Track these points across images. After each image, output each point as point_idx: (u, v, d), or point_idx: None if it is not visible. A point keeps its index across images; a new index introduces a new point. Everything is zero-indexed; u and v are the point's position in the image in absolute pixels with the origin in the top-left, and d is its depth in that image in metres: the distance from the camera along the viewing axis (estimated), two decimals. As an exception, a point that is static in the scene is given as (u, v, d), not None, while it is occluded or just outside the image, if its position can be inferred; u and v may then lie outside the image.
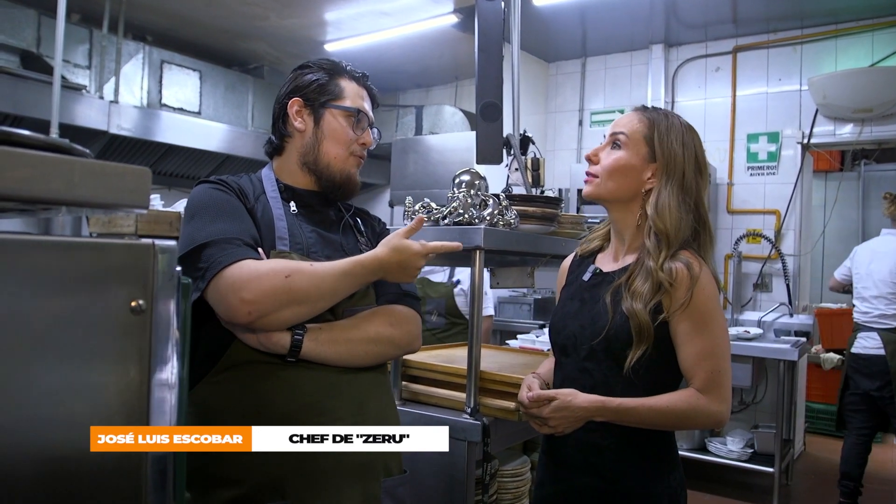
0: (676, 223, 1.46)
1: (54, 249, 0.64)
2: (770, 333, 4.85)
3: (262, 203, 1.45)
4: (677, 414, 1.42)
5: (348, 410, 1.37)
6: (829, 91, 4.74)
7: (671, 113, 1.58)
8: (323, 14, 5.08)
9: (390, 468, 1.45)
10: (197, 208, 1.37)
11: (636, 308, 1.42)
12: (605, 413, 1.43)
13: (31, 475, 0.63)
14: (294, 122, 1.50)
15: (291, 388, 1.33)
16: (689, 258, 1.45)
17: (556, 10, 4.82)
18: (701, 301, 1.42)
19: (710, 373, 1.42)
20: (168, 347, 0.70)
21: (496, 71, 2.46)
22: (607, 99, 5.80)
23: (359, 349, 1.39)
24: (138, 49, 5.13)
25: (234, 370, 1.33)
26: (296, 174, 1.52)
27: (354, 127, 1.52)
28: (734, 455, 4.48)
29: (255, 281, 1.23)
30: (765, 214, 5.11)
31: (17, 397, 0.62)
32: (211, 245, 1.28)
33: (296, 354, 1.31)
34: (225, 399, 1.32)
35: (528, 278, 2.43)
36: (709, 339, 1.43)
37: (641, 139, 1.52)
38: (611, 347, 1.45)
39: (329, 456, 1.31)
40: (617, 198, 1.55)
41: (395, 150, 5.67)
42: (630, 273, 1.49)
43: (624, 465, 1.46)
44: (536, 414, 1.48)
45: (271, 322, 1.27)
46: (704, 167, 1.55)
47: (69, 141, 0.69)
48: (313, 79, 1.51)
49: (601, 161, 1.55)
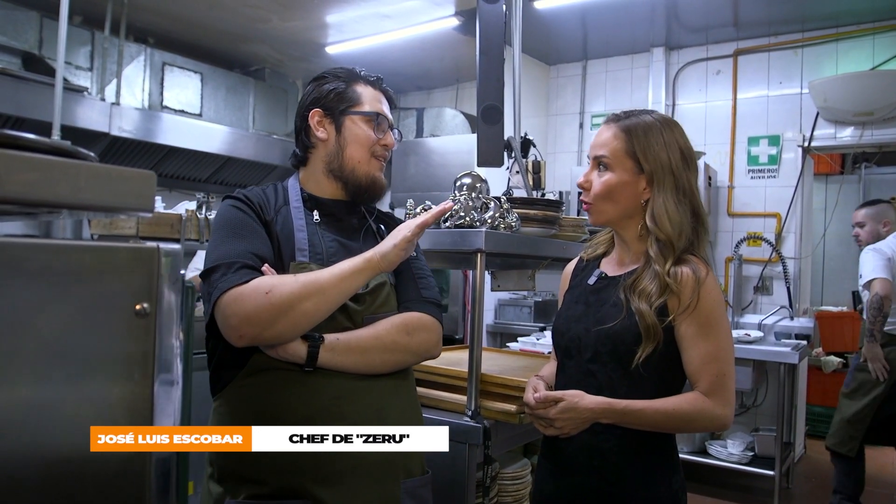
0: (677, 228, 1.47)
1: (59, 252, 0.64)
2: (770, 336, 4.85)
3: (284, 214, 1.48)
4: (683, 416, 1.43)
5: (366, 416, 1.38)
6: (829, 94, 4.75)
7: (645, 112, 1.56)
8: (324, 16, 5.09)
9: (411, 469, 1.47)
10: (215, 227, 1.44)
11: (643, 308, 1.43)
12: (611, 415, 1.43)
13: (36, 477, 0.63)
14: (316, 133, 1.53)
15: (310, 394, 1.36)
16: (696, 263, 1.47)
17: (557, 13, 4.83)
18: (707, 305, 1.43)
19: (715, 376, 1.43)
20: (172, 351, 0.71)
21: (497, 73, 2.46)
22: (608, 102, 5.80)
23: (375, 358, 1.41)
24: (140, 51, 5.14)
25: (257, 376, 1.37)
26: (321, 183, 1.55)
27: (375, 130, 1.54)
28: (734, 458, 4.48)
29: (237, 305, 1.28)
30: (765, 217, 5.12)
31: (22, 400, 0.62)
32: (215, 270, 1.33)
33: (312, 364, 1.34)
34: (247, 404, 1.37)
35: (528, 281, 2.43)
36: (714, 342, 1.43)
37: (624, 155, 1.51)
38: (616, 349, 1.46)
39: (346, 457, 1.33)
40: (621, 217, 1.55)
41: (396, 153, 5.66)
42: (637, 276, 1.50)
43: (627, 467, 1.47)
44: (543, 415, 1.48)
45: (266, 339, 1.31)
46: (692, 158, 1.55)
47: (72, 144, 0.70)
48: (331, 88, 1.55)
49: (594, 185, 1.54)
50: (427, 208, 1.98)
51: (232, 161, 5.61)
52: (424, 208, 1.98)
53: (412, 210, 2.01)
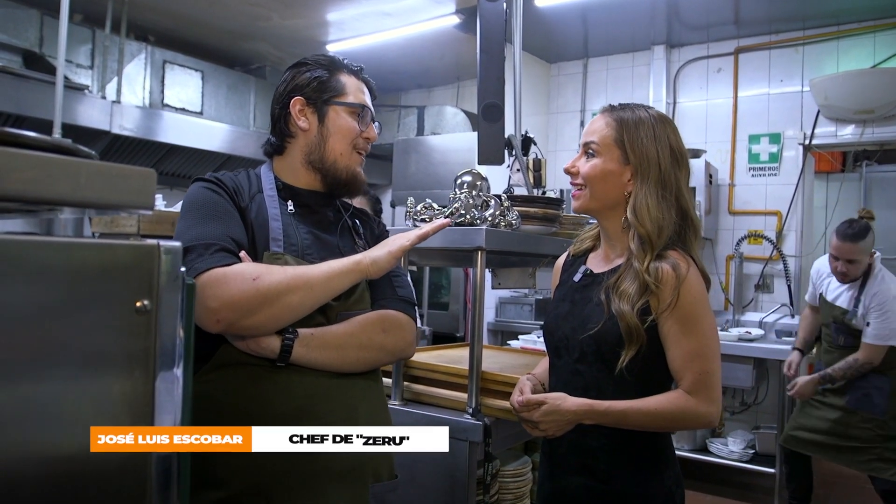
0: (657, 223, 1.45)
1: (59, 250, 0.64)
2: (771, 334, 4.85)
3: (258, 202, 1.43)
4: (665, 416, 1.42)
5: (340, 415, 1.35)
6: (830, 92, 4.74)
7: (640, 107, 1.56)
8: (325, 14, 5.08)
9: (380, 473, 1.43)
10: (186, 208, 1.37)
11: (623, 309, 1.42)
12: (593, 416, 1.43)
13: (36, 476, 0.63)
14: (297, 122, 1.47)
15: (282, 391, 1.31)
16: (677, 258, 1.45)
17: (557, 11, 4.82)
18: (688, 302, 1.42)
19: (699, 374, 1.42)
20: (173, 348, 0.71)
21: (498, 72, 2.46)
22: (609, 100, 5.75)
23: (350, 355, 1.37)
24: (141, 49, 5.14)
25: (224, 370, 1.31)
26: (298, 173, 1.50)
27: (359, 122, 1.50)
28: (735, 456, 4.48)
29: (219, 288, 1.22)
30: (766, 215, 5.11)
31: (22, 398, 0.62)
32: (190, 251, 1.26)
33: (286, 360, 1.29)
34: (211, 402, 1.30)
35: (529, 279, 2.43)
36: (696, 340, 1.42)
37: (612, 143, 1.51)
38: (600, 349, 1.46)
39: (316, 460, 1.30)
40: (604, 205, 1.54)
41: (397, 151, 5.67)
42: (619, 275, 1.49)
43: (617, 465, 1.47)
44: (527, 418, 1.48)
45: (245, 328, 1.25)
46: (682, 157, 1.53)
47: (73, 142, 0.70)
48: (313, 76, 1.48)
49: (580, 171, 1.54)
50: (428, 206, 1.98)
51: (233, 159, 5.61)
52: (425, 206, 1.98)
53: (412, 208, 2.00)
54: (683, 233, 1.51)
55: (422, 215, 1.97)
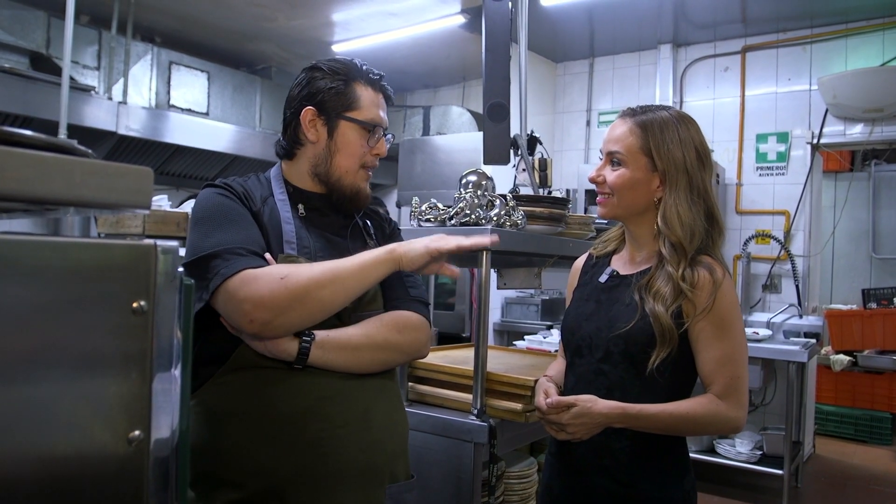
0: (689, 230, 1.44)
1: (55, 250, 0.64)
2: (779, 335, 4.82)
3: (270, 206, 1.43)
4: (697, 420, 1.41)
5: (353, 416, 1.35)
6: (839, 91, 4.71)
7: (661, 108, 1.54)
8: (331, 15, 5.09)
9: (396, 474, 1.43)
10: (202, 215, 1.36)
11: (658, 311, 1.41)
12: (625, 420, 1.41)
13: (32, 477, 0.62)
14: (307, 133, 1.45)
15: (297, 392, 1.31)
16: (712, 263, 1.44)
17: (563, 10, 4.81)
18: (723, 306, 1.41)
19: (730, 378, 1.41)
20: (170, 349, 0.70)
21: (503, 71, 2.45)
22: (615, 99, 5.78)
23: (365, 356, 1.37)
24: (147, 50, 5.15)
25: (240, 373, 1.32)
26: (305, 180, 1.49)
27: (369, 140, 1.48)
28: (743, 457, 4.45)
29: (250, 289, 1.22)
30: (774, 215, 5.08)
31: (17, 399, 0.61)
32: (216, 256, 1.26)
33: (303, 362, 1.29)
34: (229, 401, 1.31)
35: (535, 279, 2.42)
36: (729, 344, 1.41)
37: (638, 151, 1.49)
38: (629, 350, 1.44)
39: (330, 462, 1.30)
40: (632, 212, 1.53)
41: (403, 151, 5.67)
42: (651, 276, 1.47)
43: (639, 468, 1.45)
44: (555, 420, 1.46)
45: (277, 328, 1.25)
46: (707, 157, 1.52)
47: (74, 141, 0.69)
48: (328, 86, 1.44)
49: (607, 179, 1.52)
50: (432, 206, 1.97)
51: (239, 159, 5.62)
52: (430, 206, 1.97)
53: (417, 207, 2.00)
54: (710, 234, 1.49)
55: (427, 215, 1.96)
